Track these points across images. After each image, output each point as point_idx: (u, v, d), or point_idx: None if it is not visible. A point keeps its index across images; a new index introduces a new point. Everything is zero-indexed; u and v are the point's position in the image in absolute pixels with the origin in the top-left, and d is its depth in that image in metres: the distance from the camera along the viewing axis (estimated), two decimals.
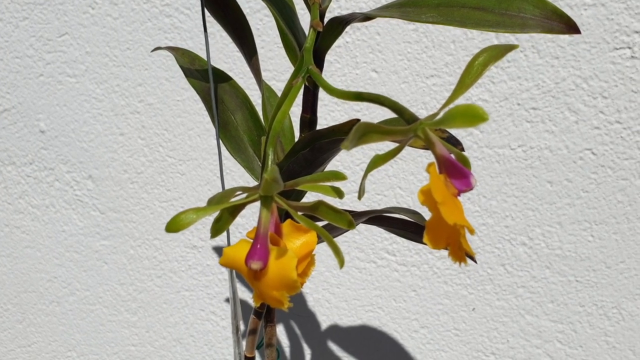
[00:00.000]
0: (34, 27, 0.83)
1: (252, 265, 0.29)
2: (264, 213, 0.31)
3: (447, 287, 0.77)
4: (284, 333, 0.85)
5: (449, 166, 0.28)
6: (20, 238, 0.92)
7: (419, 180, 0.75)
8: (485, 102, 0.71)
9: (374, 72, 0.74)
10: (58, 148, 0.87)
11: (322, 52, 0.43)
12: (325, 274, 0.81)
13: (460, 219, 0.27)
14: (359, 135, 0.26)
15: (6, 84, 0.86)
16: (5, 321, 0.96)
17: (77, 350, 0.94)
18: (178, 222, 0.28)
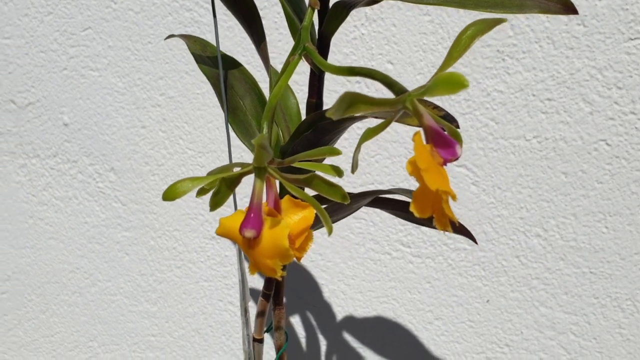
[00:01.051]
0: (58, 22, 0.85)
1: (246, 233, 0.30)
2: (257, 184, 0.31)
3: (462, 279, 0.77)
4: (300, 324, 0.85)
5: (435, 136, 0.28)
6: (44, 229, 0.94)
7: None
8: (501, 93, 0.71)
9: (390, 63, 0.74)
10: (81, 141, 0.89)
11: (327, 36, 0.44)
12: (341, 266, 0.82)
13: (443, 185, 0.27)
14: (347, 105, 0.26)
15: (31, 78, 0.88)
16: (29, 311, 0.98)
17: (98, 340, 0.96)
18: (174, 191, 0.30)
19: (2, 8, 0.86)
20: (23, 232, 0.95)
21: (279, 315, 0.54)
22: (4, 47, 0.88)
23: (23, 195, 0.93)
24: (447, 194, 0.27)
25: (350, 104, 0.27)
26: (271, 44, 0.78)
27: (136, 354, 0.95)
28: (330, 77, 0.74)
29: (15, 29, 0.87)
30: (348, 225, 0.80)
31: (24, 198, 0.93)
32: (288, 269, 0.84)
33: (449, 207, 0.28)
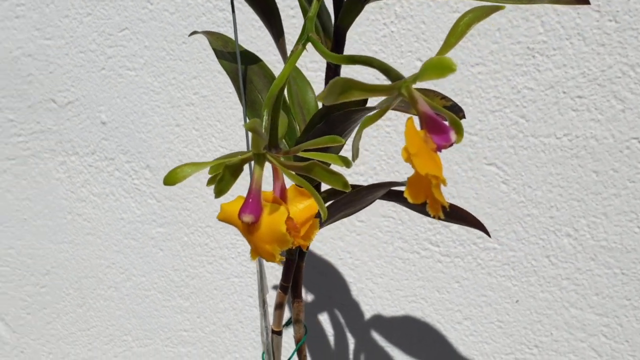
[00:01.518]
0: (96, 23, 0.87)
1: (244, 218, 0.31)
2: (256, 170, 0.32)
3: (491, 279, 0.77)
4: (328, 322, 0.86)
5: (429, 122, 0.28)
6: (82, 225, 0.96)
7: (464, 169, 0.75)
8: (531, 90, 0.70)
9: (419, 60, 0.74)
10: (118, 139, 0.91)
11: (343, 29, 0.44)
12: (369, 264, 0.82)
13: (432, 170, 0.27)
14: (339, 90, 0.27)
15: (71, 78, 0.90)
16: (67, 305, 1.00)
17: (132, 334, 0.98)
18: (175, 175, 0.30)
19: (44, 10, 0.89)
20: (62, 227, 0.97)
21: (298, 308, 0.54)
22: (46, 48, 0.90)
23: (62, 192, 0.96)
24: (436, 178, 0.27)
25: (343, 89, 0.27)
26: (291, 42, 0.79)
27: (169, 349, 0.96)
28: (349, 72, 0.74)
29: (56, 29, 0.89)
30: (376, 224, 0.80)
31: (63, 194, 0.96)
32: (316, 267, 0.85)
33: (439, 192, 0.28)
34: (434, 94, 0.37)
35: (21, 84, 0.93)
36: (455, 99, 0.73)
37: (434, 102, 0.36)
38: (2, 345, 1.06)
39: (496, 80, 0.71)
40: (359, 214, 0.80)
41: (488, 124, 0.73)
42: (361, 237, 0.81)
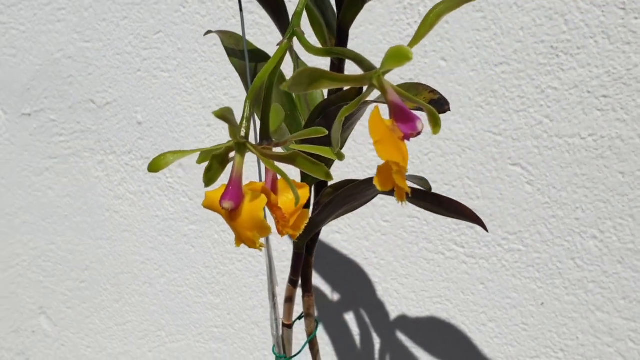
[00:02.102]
0: (132, 26, 0.90)
1: (224, 204, 0.31)
2: (237, 159, 0.33)
3: (516, 281, 0.76)
4: (354, 321, 0.86)
5: (397, 111, 0.29)
6: (119, 222, 0.99)
7: (488, 170, 0.74)
8: (555, 90, 0.69)
9: (443, 60, 0.74)
10: (153, 138, 0.93)
11: (345, 26, 0.45)
12: (394, 264, 0.82)
13: (393, 156, 0.28)
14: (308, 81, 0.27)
15: (108, 79, 0.93)
16: (104, 300, 1.04)
17: (166, 330, 1.00)
18: (158, 163, 0.31)
19: (83, 14, 0.92)
20: (100, 224, 1.01)
21: (308, 302, 0.55)
22: (85, 50, 0.94)
23: (101, 190, 0.99)
24: (397, 165, 0.28)
25: (312, 79, 0.28)
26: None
27: (200, 345, 0.98)
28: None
29: (95, 32, 0.92)
30: (402, 224, 0.80)
31: (102, 192, 0.99)
32: (341, 267, 0.85)
33: (399, 178, 0.28)
34: (423, 87, 0.37)
35: (62, 85, 0.97)
36: (479, 98, 0.73)
37: (422, 95, 0.37)
38: (44, 338, 1.10)
39: (520, 79, 0.70)
40: (384, 214, 0.81)
41: (512, 123, 0.72)
42: (386, 237, 0.81)
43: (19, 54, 0.99)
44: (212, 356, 0.98)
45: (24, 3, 0.96)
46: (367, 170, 0.80)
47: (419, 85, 0.37)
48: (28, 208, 1.06)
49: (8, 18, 0.98)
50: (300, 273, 0.52)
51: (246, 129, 0.34)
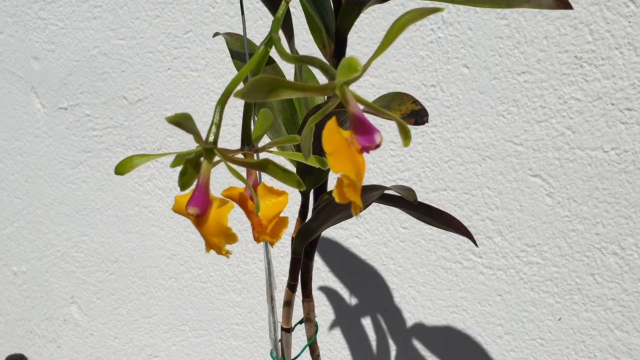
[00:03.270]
0: (164, 25, 0.91)
1: (189, 210, 0.32)
2: (204, 164, 0.33)
3: (534, 294, 0.74)
4: (371, 326, 0.86)
5: (357, 123, 0.29)
6: (148, 217, 1.01)
7: (508, 180, 0.73)
8: (578, 101, 0.67)
9: (465, 67, 0.73)
10: (181, 136, 0.95)
11: (343, 33, 0.44)
12: (412, 272, 0.81)
13: (345, 170, 0.27)
14: (267, 89, 0.27)
15: (140, 76, 0.95)
16: (132, 292, 1.06)
17: (189, 324, 1.01)
18: (124, 165, 0.32)
19: (118, 11, 0.94)
20: (129, 218, 1.03)
21: (308, 307, 0.55)
22: (119, 47, 0.96)
23: (131, 185, 1.01)
24: (347, 178, 0.27)
25: (271, 88, 0.28)
26: (302, 43, 0.79)
27: (221, 341, 0.99)
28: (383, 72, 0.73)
29: (128, 30, 0.94)
30: (420, 231, 0.79)
31: (132, 187, 1.01)
32: (359, 272, 0.85)
33: (350, 191, 0.28)
34: (407, 97, 0.36)
35: (97, 81, 0.99)
36: (501, 107, 0.72)
37: (405, 104, 0.36)
38: (75, 326, 1.13)
39: (542, 89, 0.69)
40: (402, 220, 0.80)
41: (534, 134, 0.71)
42: (404, 244, 0.81)
43: (57, 49, 1.01)
44: (232, 353, 0.99)
45: (62, 0, 0.98)
46: (387, 176, 0.80)
47: (403, 95, 0.36)
48: (63, 199, 1.08)
49: (48, 14, 1.01)
50: (298, 278, 0.52)
51: (215, 134, 0.34)
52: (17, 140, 1.10)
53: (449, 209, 0.77)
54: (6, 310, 1.20)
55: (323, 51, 0.46)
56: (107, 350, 1.11)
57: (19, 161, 1.11)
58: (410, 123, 0.33)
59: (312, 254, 0.53)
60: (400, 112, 0.34)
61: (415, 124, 0.33)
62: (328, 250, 0.86)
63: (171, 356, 1.05)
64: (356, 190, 0.28)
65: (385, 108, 0.36)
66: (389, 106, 0.35)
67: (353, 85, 0.79)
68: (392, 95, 0.37)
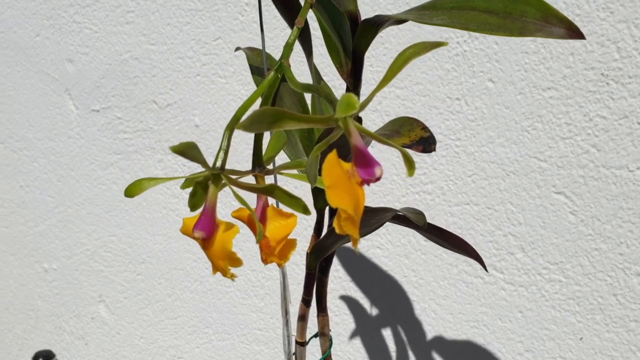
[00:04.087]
0: (194, 31, 0.93)
1: (195, 234, 0.32)
2: (211, 189, 0.34)
3: (555, 312, 0.73)
4: (391, 337, 0.85)
5: (358, 156, 0.29)
6: (174, 220, 1.02)
7: (531, 196, 0.72)
8: (604, 119, 0.66)
9: (490, 81, 0.72)
10: (208, 142, 0.96)
11: (360, 53, 0.44)
12: (433, 284, 0.81)
13: (342, 204, 0.27)
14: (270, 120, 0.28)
15: (170, 81, 0.96)
16: (157, 293, 1.07)
17: (213, 327, 1.03)
18: (133, 188, 0.33)
19: (150, 17, 0.96)
20: (157, 220, 1.04)
21: (323, 322, 0.55)
22: (150, 53, 0.97)
23: (159, 187, 1.03)
24: (345, 212, 0.28)
25: (274, 119, 0.28)
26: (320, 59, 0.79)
27: (244, 345, 1.00)
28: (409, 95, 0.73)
29: (160, 36, 0.96)
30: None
31: (160, 190, 1.03)
32: (381, 282, 0.85)
33: (348, 225, 0.28)
34: (418, 123, 0.36)
35: (128, 85, 1.01)
36: (525, 122, 0.71)
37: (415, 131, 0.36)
38: (102, 325, 1.15)
39: (568, 106, 0.68)
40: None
41: (558, 150, 0.70)
42: (426, 257, 0.80)
43: (91, 52, 1.03)
44: (254, 357, 1.00)
45: (97, 4, 1.00)
46: (410, 188, 0.79)
47: (413, 121, 0.36)
48: (93, 199, 1.11)
49: (83, 18, 1.03)
50: (312, 292, 0.53)
51: (222, 160, 0.35)
52: (51, 140, 1.12)
53: (472, 224, 0.77)
54: (37, 306, 1.23)
55: (340, 70, 0.46)
56: (133, 349, 1.13)
57: (52, 161, 1.13)
58: (418, 150, 0.33)
59: (327, 270, 0.53)
60: (409, 138, 0.34)
61: (423, 151, 0.33)
62: (350, 260, 0.86)
63: (195, 358, 1.06)
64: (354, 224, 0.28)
65: (395, 133, 0.36)
66: (399, 131, 0.35)
67: (378, 95, 0.79)
68: (403, 120, 0.37)
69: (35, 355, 1.09)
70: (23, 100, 1.14)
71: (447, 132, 0.76)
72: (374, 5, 0.77)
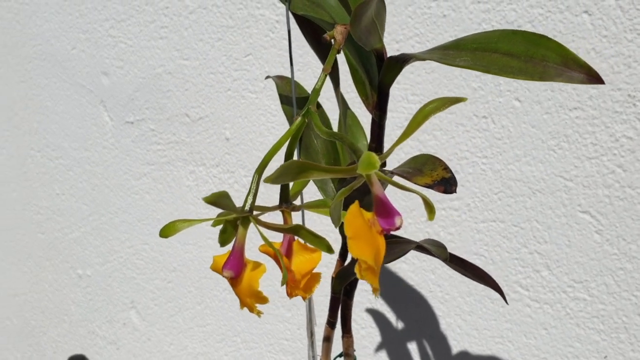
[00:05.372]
0: (225, 47, 0.95)
1: (224, 273, 0.34)
2: (240, 230, 0.35)
3: (579, 330, 0.74)
4: (417, 352, 0.87)
5: (379, 205, 0.30)
6: (205, 230, 1.05)
7: (557, 215, 0.73)
8: (630, 139, 0.67)
9: (517, 100, 0.73)
10: (238, 154, 0.98)
11: (385, 87, 0.46)
12: (458, 300, 0.81)
13: (363, 255, 0.29)
14: (296, 171, 0.29)
15: (202, 96, 0.99)
16: (187, 301, 1.10)
17: (241, 336, 1.05)
18: (168, 229, 0.34)
19: (183, 33, 0.98)
20: (188, 230, 1.06)
21: (347, 342, 0.57)
22: (183, 67, 0.99)
23: (190, 198, 1.05)
24: (365, 263, 0.29)
25: (300, 170, 0.30)
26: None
27: (271, 355, 1.02)
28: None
29: (192, 51, 0.98)
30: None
31: (191, 200, 1.05)
32: (407, 297, 0.86)
33: (368, 275, 0.29)
34: (440, 163, 0.37)
35: (161, 98, 1.03)
36: (552, 142, 0.72)
37: (437, 171, 0.37)
38: (134, 330, 1.18)
39: (594, 126, 0.69)
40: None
41: (584, 170, 0.70)
42: (452, 272, 0.81)
43: (126, 66, 1.06)
44: None
45: (132, 19, 1.03)
46: (437, 204, 0.80)
47: (435, 160, 0.37)
48: (127, 209, 1.13)
49: (118, 32, 1.05)
50: (337, 315, 0.54)
51: (251, 203, 0.36)
52: (86, 150, 1.15)
53: (498, 240, 0.77)
54: (71, 311, 1.26)
55: (365, 102, 0.47)
56: (163, 355, 1.15)
57: (87, 170, 1.16)
58: (440, 191, 0.35)
59: (352, 293, 0.54)
60: (431, 178, 0.35)
61: (445, 192, 0.34)
62: None
63: None
64: (374, 273, 0.29)
65: (417, 172, 0.37)
66: (421, 170, 0.36)
67: (404, 112, 0.80)
68: (425, 159, 0.38)
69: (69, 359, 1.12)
70: (59, 111, 1.17)
71: (473, 149, 0.77)
72: (400, 41, 0.79)
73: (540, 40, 0.36)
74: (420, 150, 0.81)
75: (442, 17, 0.76)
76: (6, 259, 1.35)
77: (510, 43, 0.37)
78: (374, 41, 0.41)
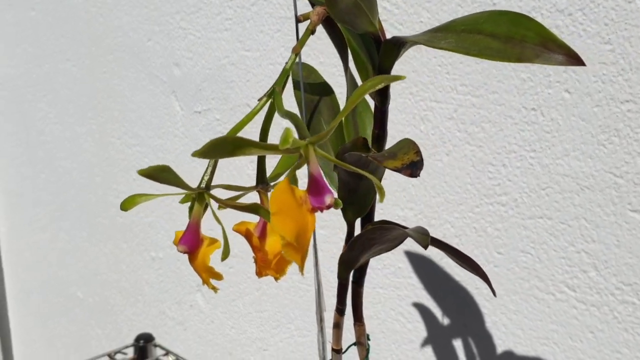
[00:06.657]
0: (284, 39, 0.96)
1: (179, 248, 0.35)
2: (196, 206, 0.36)
3: (628, 335, 0.70)
4: (461, 348, 0.85)
5: (313, 184, 0.30)
6: None
7: (606, 213, 0.69)
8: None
9: (567, 92, 0.70)
10: None
11: (385, 70, 0.45)
12: (504, 298, 0.79)
13: (285, 231, 0.29)
14: (231, 148, 0.30)
15: (262, 86, 1.01)
16: (247, 287, 1.12)
17: (295, 323, 1.06)
18: (127, 203, 0.36)
19: (245, 24, 1.00)
20: (248, 217, 1.09)
21: (359, 331, 0.56)
22: (245, 58, 1.02)
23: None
24: (284, 239, 0.29)
25: (235, 146, 0.30)
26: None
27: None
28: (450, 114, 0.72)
29: (254, 42, 1.00)
30: (514, 258, 0.77)
31: None
32: (451, 293, 0.84)
33: (290, 252, 0.29)
34: (413, 147, 0.37)
35: (225, 88, 1.06)
36: (602, 136, 0.68)
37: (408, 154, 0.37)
38: (199, 312, 1.22)
39: None
40: (497, 245, 0.78)
41: (635, 166, 0.66)
42: (498, 270, 0.79)
43: (194, 57, 1.10)
44: None
45: (200, 12, 1.06)
46: (484, 199, 0.78)
47: (411, 145, 0.37)
48: None
49: (188, 24, 1.09)
50: (345, 302, 0.54)
51: (207, 181, 0.37)
52: (159, 138, 1.20)
53: (545, 238, 0.75)
54: (144, 292, 1.32)
55: None
56: (225, 338, 1.18)
57: (160, 157, 1.21)
58: (407, 174, 0.34)
59: (362, 281, 0.54)
60: (402, 161, 0.35)
61: (411, 175, 0.34)
62: (423, 268, 0.86)
63: (279, 351, 1.10)
64: (296, 251, 0.29)
65: (391, 155, 0.37)
66: (396, 154, 0.36)
67: (453, 103, 0.78)
68: (404, 143, 0.37)
69: (137, 337, 1.17)
70: (137, 100, 1.22)
71: (522, 142, 0.74)
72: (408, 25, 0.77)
73: (521, 20, 0.35)
74: (469, 142, 0.79)
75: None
76: (90, 239, 1.42)
77: (495, 24, 0.36)
78: (362, 24, 0.41)
